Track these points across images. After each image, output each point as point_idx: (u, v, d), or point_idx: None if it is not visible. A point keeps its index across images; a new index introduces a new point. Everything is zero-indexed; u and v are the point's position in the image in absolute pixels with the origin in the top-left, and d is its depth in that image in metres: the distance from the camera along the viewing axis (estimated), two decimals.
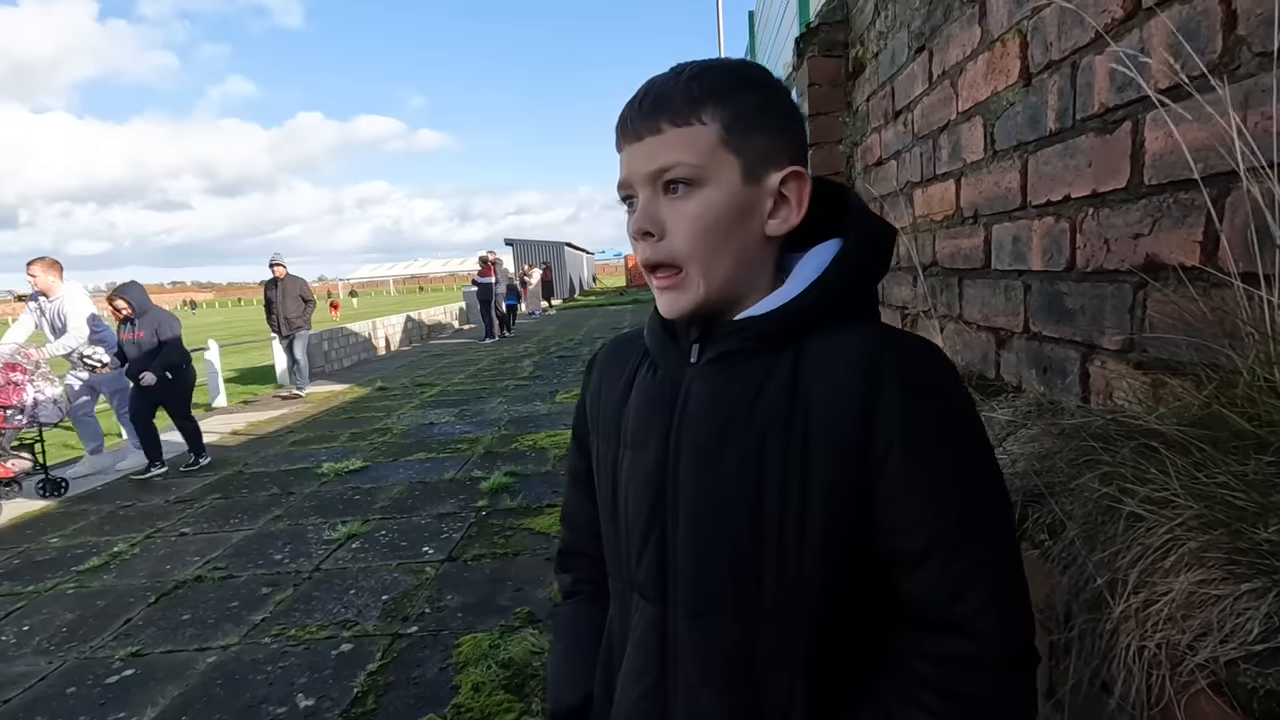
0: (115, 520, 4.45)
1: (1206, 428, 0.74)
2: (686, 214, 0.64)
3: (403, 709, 2.30)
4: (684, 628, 0.68)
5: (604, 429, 0.78)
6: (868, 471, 0.61)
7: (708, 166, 0.63)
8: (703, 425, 0.67)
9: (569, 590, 0.91)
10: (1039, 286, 1.26)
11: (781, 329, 0.65)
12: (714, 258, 0.64)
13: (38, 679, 2.64)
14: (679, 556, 0.68)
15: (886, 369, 0.61)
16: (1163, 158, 0.91)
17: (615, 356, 0.82)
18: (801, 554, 0.63)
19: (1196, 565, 0.66)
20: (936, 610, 0.61)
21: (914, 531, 0.61)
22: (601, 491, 0.78)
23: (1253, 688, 0.59)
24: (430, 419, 6.85)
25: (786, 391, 0.64)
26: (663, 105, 0.63)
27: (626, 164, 0.66)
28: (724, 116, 0.63)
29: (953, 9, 1.59)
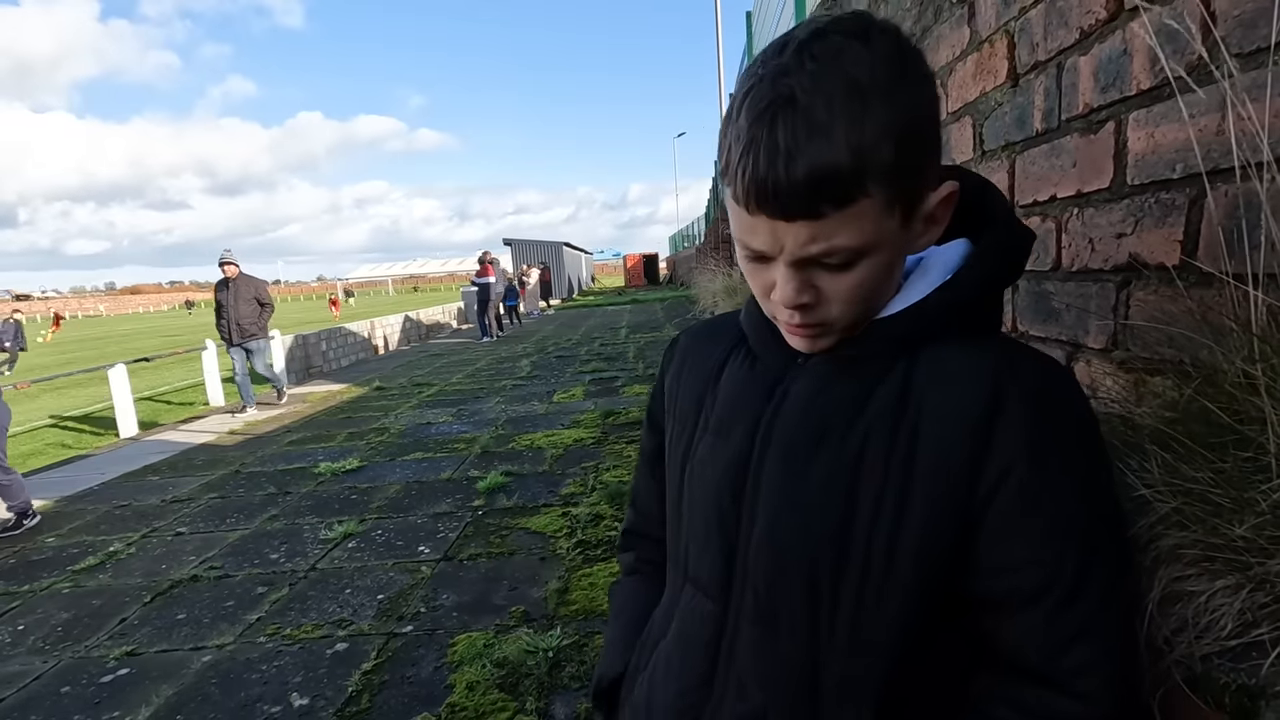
0: (111, 519, 4.46)
1: (1187, 424, 0.74)
2: (848, 284, 0.56)
3: (397, 708, 2.31)
4: (747, 633, 0.63)
5: (681, 410, 0.74)
6: (976, 496, 0.55)
7: (873, 240, 0.54)
8: (799, 424, 0.62)
9: (630, 568, 0.90)
10: (1026, 286, 1.27)
11: (901, 334, 0.60)
12: (867, 308, 0.60)
13: (32, 678, 2.64)
14: (751, 559, 0.63)
15: (1013, 385, 0.55)
16: (1144, 158, 0.91)
17: (703, 339, 0.78)
18: (887, 579, 0.57)
19: (1174, 561, 0.67)
20: (1036, 661, 0.55)
21: (1023, 571, 0.54)
22: (670, 479, 0.75)
23: (1225, 683, 0.60)
24: (428, 419, 6.85)
25: (896, 398, 0.59)
26: (826, 180, 0.50)
27: (767, 236, 0.55)
28: (889, 170, 0.51)
29: (942, 10, 1.59)
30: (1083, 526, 0.55)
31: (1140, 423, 0.79)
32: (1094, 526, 0.55)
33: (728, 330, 0.75)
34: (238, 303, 7.65)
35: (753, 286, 0.62)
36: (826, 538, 0.59)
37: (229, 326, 7.71)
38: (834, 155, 0.50)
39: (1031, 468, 0.54)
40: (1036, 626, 0.55)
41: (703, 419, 0.71)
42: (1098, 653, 0.54)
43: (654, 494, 0.83)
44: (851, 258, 0.55)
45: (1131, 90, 0.93)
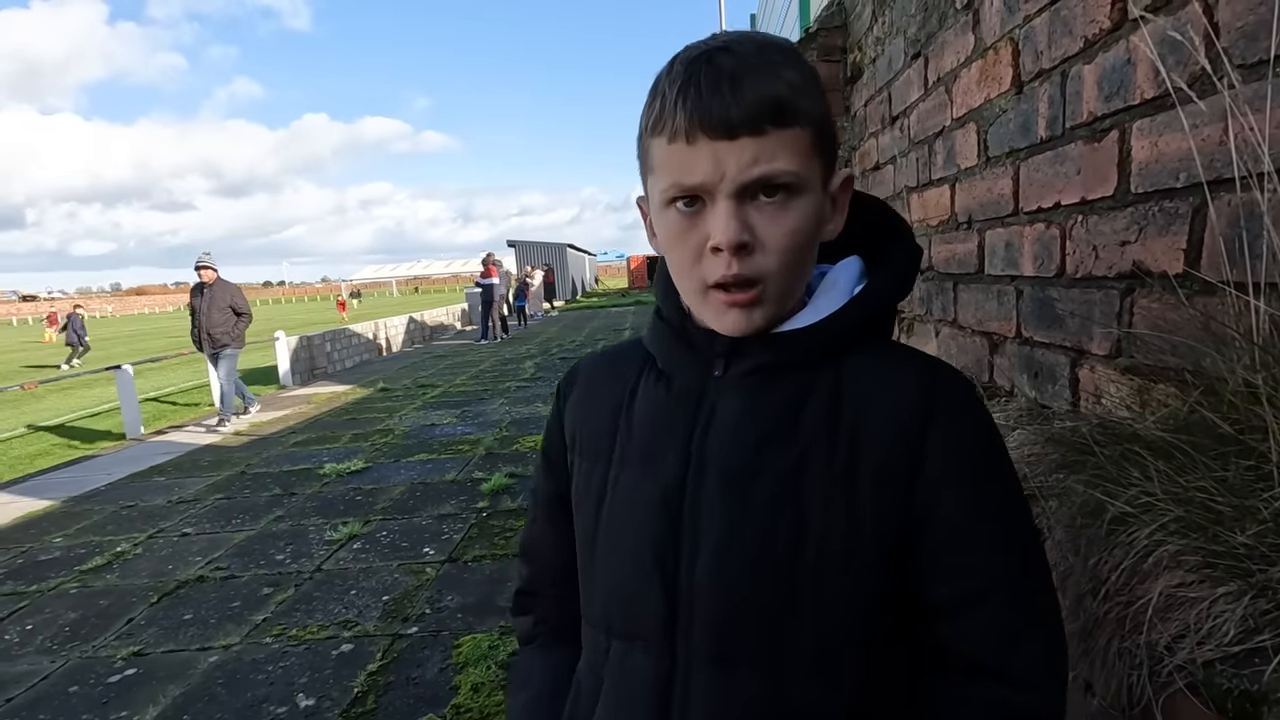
0: (118, 520, 4.48)
1: (1190, 432, 0.75)
2: (785, 226, 0.55)
3: (402, 709, 2.32)
4: (700, 682, 0.59)
5: (588, 446, 0.69)
6: (917, 501, 0.56)
7: (807, 175, 0.55)
8: (734, 445, 0.59)
9: (529, 634, 0.80)
10: (1030, 292, 1.28)
11: (824, 344, 0.60)
12: (799, 274, 0.59)
13: (40, 678, 2.66)
14: (697, 596, 0.59)
15: (940, 402, 0.57)
16: (1148, 166, 0.92)
17: (604, 367, 0.73)
18: (846, 592, 0.56)
19: (1176, 568, 0.68)
20: (988, 659, 0.56)
21: (970, 575, 0.56)
22: (583, 524, 0.68)
23: (1227, 688, 0.61)
24: (432, 420, 6.87)
25: (830, 411, 0.58)
26: (766, 101, 0.53)
27: (709, 164, 0.54)
28: (815, 117, 0.56)
29: (947, 16, 1.60)
30: (1014, 526, 0.58)
31: (1143, 431, 0.79)
32: (1020, 525, 0.58)
33: (631, 357, 0.71)
34: (211, 310, 7.07)
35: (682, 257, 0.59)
36: (782, 559, 0.57)
37: (199, 334, 7.17)
38: (773, 82, 0.54)
39: (966, 481, 0.56)
40: (989, 624, 0.56)
41: (617, 452, 0.66)
42: (1044, 647, 0.57)
43: (553, 545, 0.75)
44: (790, 188, 0.55)
45: (1135, 99, 0.94)
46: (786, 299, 0.59)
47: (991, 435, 0.59)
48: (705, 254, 0.57)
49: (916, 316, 1.99)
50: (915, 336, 2.02)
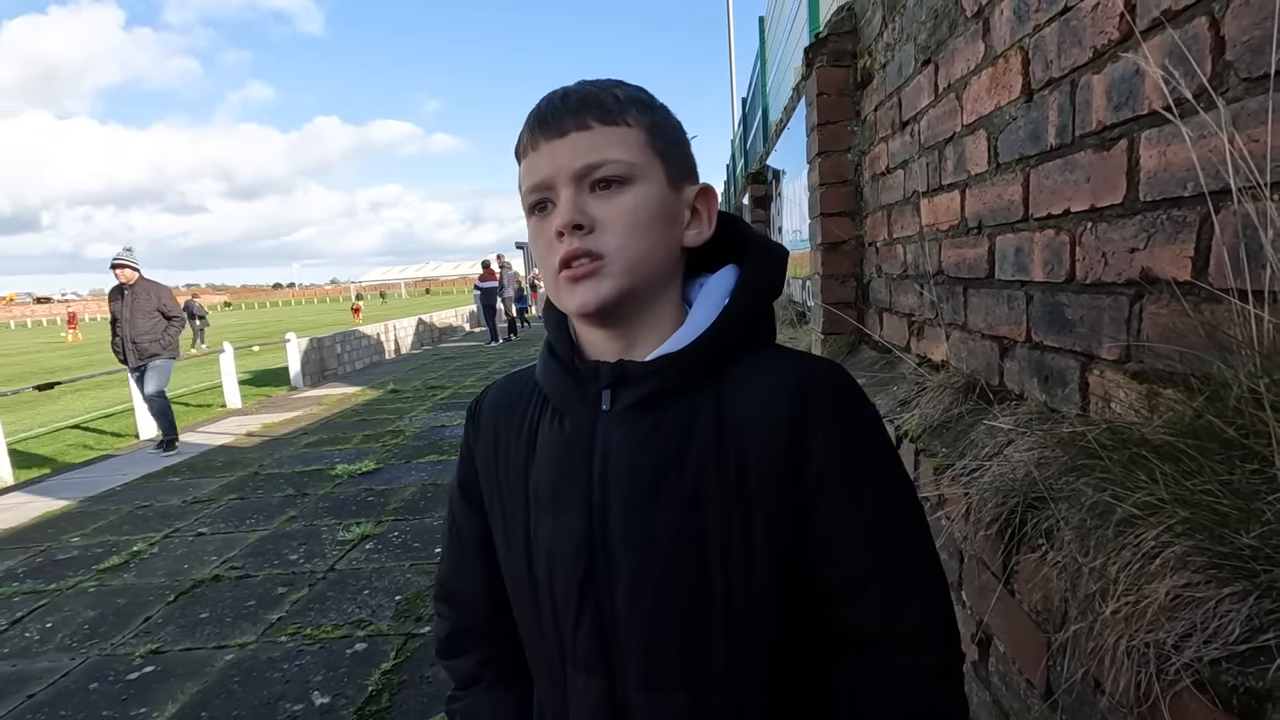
0: (134, 520, 4.54)
1: (1196, 437, 0.77)
2: (622, 207, 0.62)
3: (416, 707, 2.35)
4: (637, 700, 0.64)
5: (508, 490, 0.71)
6: (803, 502, 0.61)
7: (640, 165, 0.63)
8: (630, 480, 0.62)
9: (471, 676, 0.80)
10: (1040, 297, 1.29)
11: (702, 364, 0.63)
12: (644, 253, 0.63)
13: (61, 675, 2.71)
14: (621, 627, 0.63)
15: (813, 399, 0.62)
16: (1156, 175, 0.94)
17: (505, 403, 0.75)
18: (751, 602, 0.61)
19: (1182, 568, 0.70)
20: (880, 632, 0.63)
21: (855, 559, 0.62)
22: (511, 562, 0.71)
23: (1233, 685, 0.62)
24: (442, 421, 6.92)
25: (715, 432, 0.62)
26: (589, 104, 0.63)
27: (548, 161, 0.62)
28: (646, 123, 0.64)
29: (958, 24, 1.62)
30: (893, 506, 0.63)
31: (1150, 435, 0.81)
32: (899, 502, 0.64)
33: (527, 389, 0.73)
34: (134, 315, 6.02)
35: (539, 254, 0.65)
36: (689, 583, 0.61)
37: (123, 344, 6.10)
38: (599, 93, 0.64)
39: (846, 469, 0.61)
40: (877, 601, 0.62)
41: (532, 494, 0.68)
42: (926, 611, 0.63)
43: (484, 582, 0.76)
44: (621, 176, 0.62)
45: (1143, 110, 0.96)
46: (635, 277, 0.62)
47: (862, 424, 0.64)
48: (553, 243, 0.63)
49: (926, 320, 2.00)
50: (926, 340, 2.04)
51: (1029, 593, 1.01)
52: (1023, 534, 1.01)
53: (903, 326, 2.25)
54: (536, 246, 0.66)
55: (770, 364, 0.65)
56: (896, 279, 2.30)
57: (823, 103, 2.75)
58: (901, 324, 2.26)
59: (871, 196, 2.57)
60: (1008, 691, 1.13)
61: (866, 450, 0.63)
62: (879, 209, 2.46)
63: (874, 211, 2.54)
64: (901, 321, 2.26)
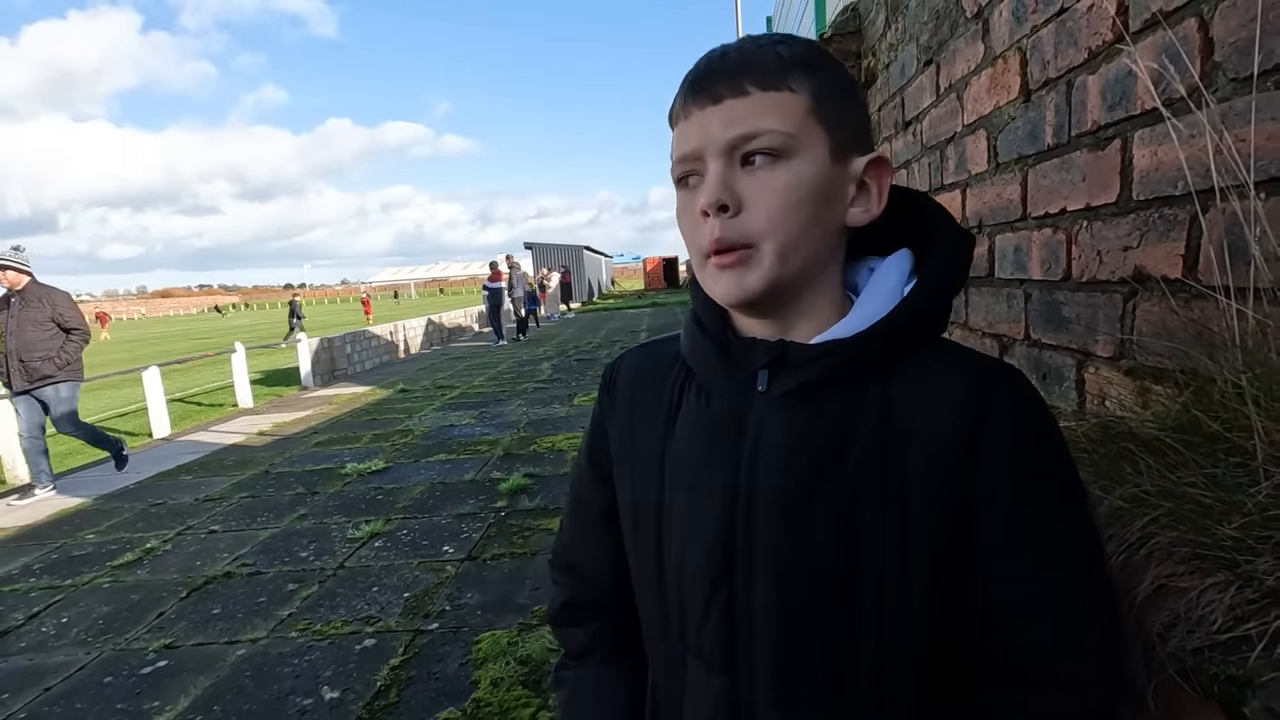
0: (148, 517, 4.60)
1: (1181, 431, 0.78)
2: (773, 186, 0.55)
3: (424, 702, 2.38)
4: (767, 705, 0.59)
5: (641, 466, 0.67)
6: (971, 511, 0.56)
7: (799, 137, 0.56)
8: (784, 472, 0.58)
9: (584, 648, 0.78)
10: (1038, 295, 1.31)
11: (871, 355, 0.58)
12: (796, 238, 0.56)
13: (76, 669, 2.75)
14: (756, 623, 0.59)
15: (993, 400, 0.56)
16: (1149, 174, 0.95)
17: (645, 374, 0.71)
18: (905, 615, 0.56)
19: (1166, 559, 0.71)
20: (1041, 665, 0.56)
21: (1023, 581, 0.56)
22: (638, 540, 0.67)
23: (1215, 673, 0.64)
24: (450, 421, 6.96)
25: (880, 430, 0.56)
26: (749, 66, 0.56)
27: (698, 130, 0.57)
28: (813, 87, 0.56)
29: (958, 25, 1.63)
30: (1072, 533, 0.57)
31: (1137, 430, 0.82)
32: (1080, 531, 0.57)
33: (672, 362, 0.68)
34: (22, 327, 4.83)
35: (686, 232, 0.60)
36: (840, 586, 0.56)
37: (6, 362, 4.88)
38: (762, 54, 0.57)
39: (1020, 480, 0.55)
40: (1043, 631, 0.56)
41: (669, 472, 0.64)
42: (1097, 650, 0.57)
43: (607, 554, 0.72)
44: (779, 149, 0.55)
45: (1136, 109, 0.97)
46: (786, 268, 0.57)
47: (1045, 440, 0.57)
48: (699, 223, 0.57)
49: None
50: None
51: None
52: None
53: None
54: (683, 222, 0.60)
55: (946, 363, 0.58)
56: None
57: None
58: None
59: None
60: None
61: (1045, 467, 0.57)
62: None
63: None
64: None
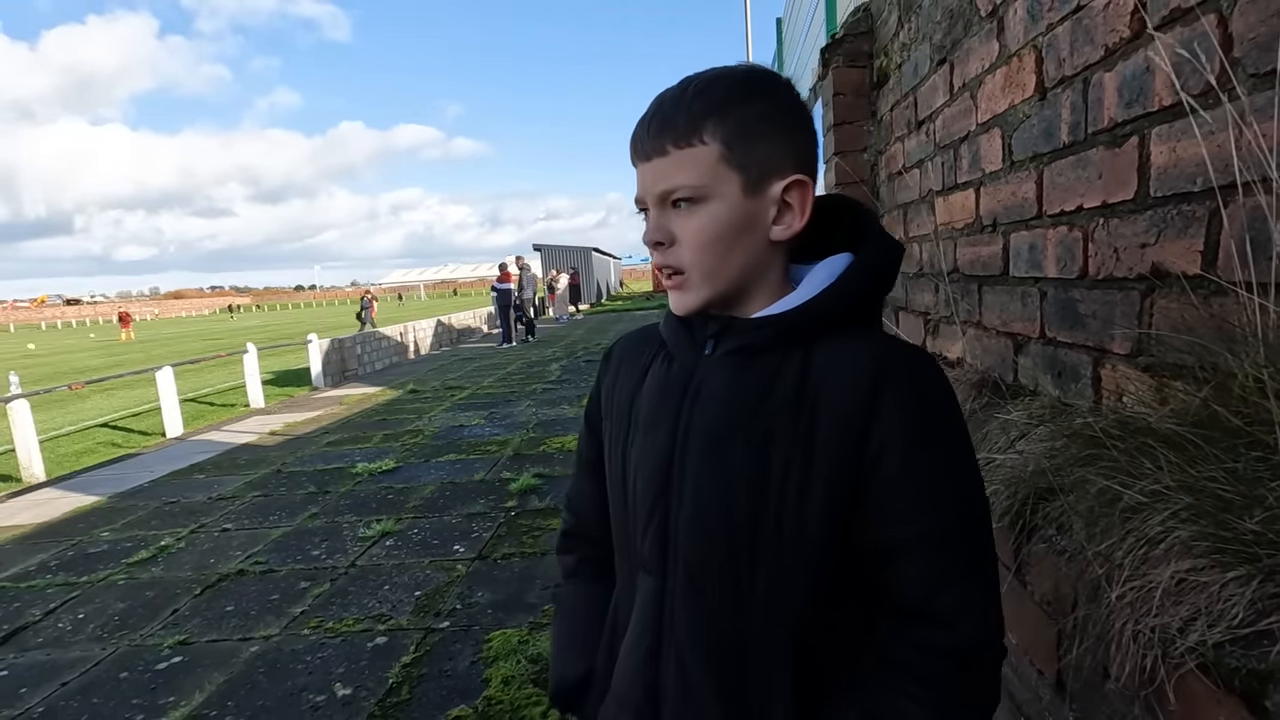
0: (162, 515, 4.65)
1: (1201, 426, 0.78)
2: (690, 228, 0.69)
3: (435, 700, 2.39)
4: (680, 601, 0.71)
5: (616, 415, 0.82)
6: (864, 463, 0.65)
7: (710, 185, 0.68)
8: (714, 413, 0.71)
9: (572, 570, 0.94)
10: (1054, 293, 1.30)
11: (795, 328, 0.70)
12: (717, 266, 0.70)
13: (92, 664, 2.79)
14: (680, 533, 0.71)
15: (891, 374, 0.66)
16: (1166, 171, 0.95)
17: (632, 348, 0.86)
18: (799, 543, 0.66)
19: (1186, 554, 0.71)
20: (919, 602, 0.65)
21: (904, 524, 0.65)
22: (612, 475, 0.82)
23: (1236, 667, 0.64)
24: (460, 421, 6.99)
25: (796, 387, 0.68)
26: (667, 127, 0.68)
27: (639, 181, 0.72)
28: (724, 134, 0.67)
29: (972, 24, 1.63)
30: (952, 488, 0.66)
31: (1156, 425, 0.82)
32: (961, 488, 0.66)
33: (651, 338, 0.83)
34: None
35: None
36: (745, 513, 0.68)
37: None
38: (680, 111, 0.68)
39: (906, 440, 0.65)
40: (920, 571, 0.65)
41: (634, 419, 0.79)
42: (969, 592, 0.65)
43: (592, 497, 0.89)
44: (693, 197, 0.68)
45: (1153, 106, 0.97)
46: (717, 284, 0.71)
47: (938, 399, 0.67)
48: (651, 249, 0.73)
49: (943, 318, 2.01)
50: (941, 338, 2.04)
51: (1039, 583, 1.02)
52: (1033, 525, 1.03)
53: (919, 325, 2.26)
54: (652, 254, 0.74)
55: (860, 341, 0.69)
56: (912, 278, 2.31)
57: (839, 103, 2.76)
58: (917, 322, 2.27)
59: (888, 196, 2.58)
60: (1019, 682, 1.14)
61: (934, 427, 0.66)
62: (895, 208, 2.47)
63: (890, 211, 2.55)
64: (917, 320, 2.27)
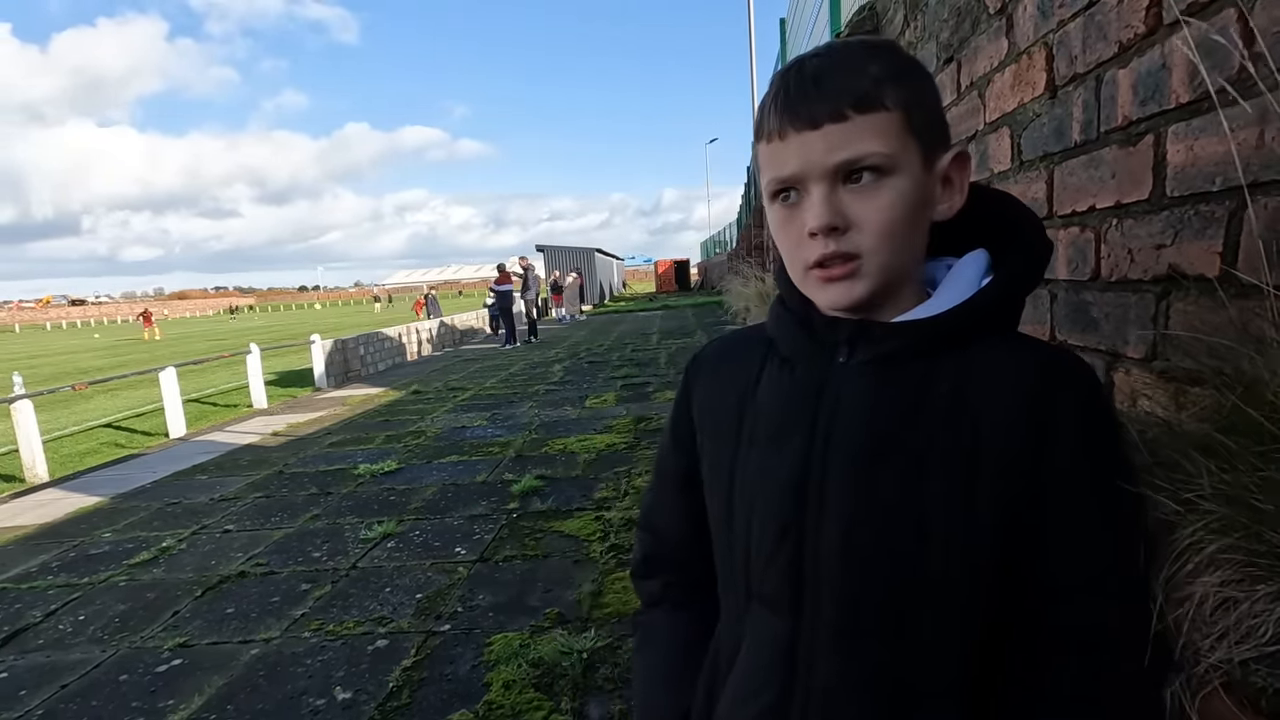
0: (163, 516, 4.63)
1: (1230, 433, 0.75)
2: (878, 205, 0.59)
3: (436, 704, 2.37)
4: (828, 645, 0.63)
5: (717, 428, 0.73)
6: (1032, 494, 0.59)
7: (898, 154, 0.59)
8: (861, 429, 0.62)
9: (656, 596, 0.85)
10: (1065, 295, 1.28)
11: (945, 334, 0.62)
12: (899, 249, 0.61)
13: (92, 666, 2.77)
14: (824, 568, 0.62)
15: (1063, 384, 0.60)
16: (1184, 170, 0.92)
17: (728, 355, 0.77)
18: (965, 577, 0.59)
19: (1216, 568, 0.68)
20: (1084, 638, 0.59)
21: (1075, 565, 0.59)
22: (714, 495, 0.73)
23: (1262, 687, 0.61)
24: (463, 422, 6.97)
25: (953, 400, 0.60)
26: (845, 88, 0.58)
27: (798, 154, 0.59)
28: (904, 99, 0.59)
29: (980, 21, 1.61)
30: (1125, 515, 0.60)
31: (1184, 430, 0.80)
32: (1131, 515, 0.61)
33: (755, 342, 0.74)
34: None
35: (785, 245, 0.64)
36: (907, 539, 0.60)
37: None
38: (854, 73, 0.59)
39: (1085, 463, 0.58)
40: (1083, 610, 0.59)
41: (745, 433, 0.69)
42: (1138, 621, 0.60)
43: (680, 516, 0.80)
44: (879, 169, 0.58)
45: (1170, 104, 0.94)
46: (889, 274, 0.61)
47: (1110, 421, 0.61)
48: (804, 239, 0.61)
49: None
50: None
51: None
52: None
53: None
54: (783, 236, 0.64)
55: (1018, 349, 0.63)
56: None
57: None
58: None
59: None
60: None
61: (1111, 450, 0.60)
62: None
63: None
64: None
